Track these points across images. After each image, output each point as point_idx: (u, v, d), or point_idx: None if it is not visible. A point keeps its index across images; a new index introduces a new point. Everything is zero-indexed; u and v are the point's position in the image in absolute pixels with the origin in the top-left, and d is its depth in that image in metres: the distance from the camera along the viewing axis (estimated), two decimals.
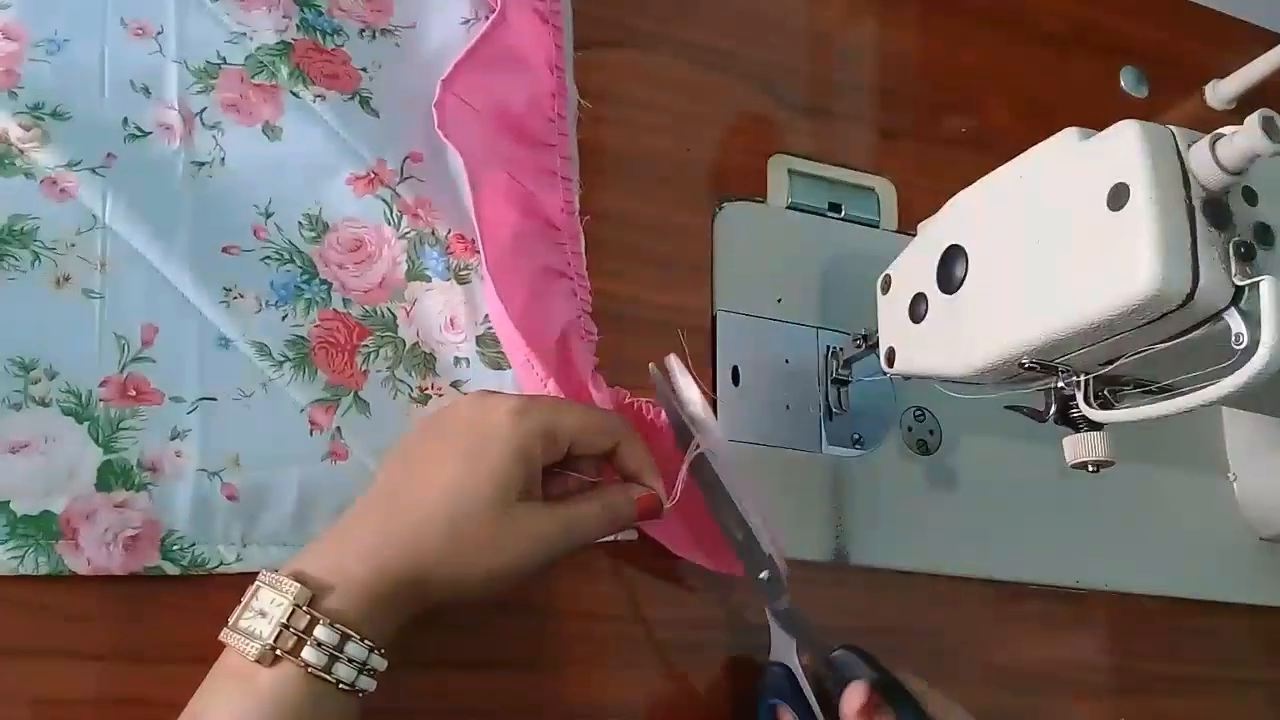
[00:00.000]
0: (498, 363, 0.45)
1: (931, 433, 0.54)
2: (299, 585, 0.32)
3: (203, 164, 0.44)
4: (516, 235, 0.46)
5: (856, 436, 0.52)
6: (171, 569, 0.38)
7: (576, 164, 0.50)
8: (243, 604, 0.33)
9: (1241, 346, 0.32)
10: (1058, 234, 0.36)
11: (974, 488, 0.53)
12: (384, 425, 0.42)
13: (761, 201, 0.56)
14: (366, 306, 0.44)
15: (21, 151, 0.41)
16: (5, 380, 0.38)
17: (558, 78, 0.50)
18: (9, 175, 0.41)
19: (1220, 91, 0.71)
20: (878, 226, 0.58)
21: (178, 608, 0.39)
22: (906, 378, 0.45)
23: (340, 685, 0.32)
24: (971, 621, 0.51)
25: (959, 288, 0.40)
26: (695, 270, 0.52)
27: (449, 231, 0.46)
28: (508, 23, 0.49)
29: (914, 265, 0.44)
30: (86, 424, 0.39)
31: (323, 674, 0.32)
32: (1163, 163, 0.33)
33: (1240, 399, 0.33)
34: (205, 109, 0.45)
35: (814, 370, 0.53)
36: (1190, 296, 0.32)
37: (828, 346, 0.53)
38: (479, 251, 0.45)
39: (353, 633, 0.32)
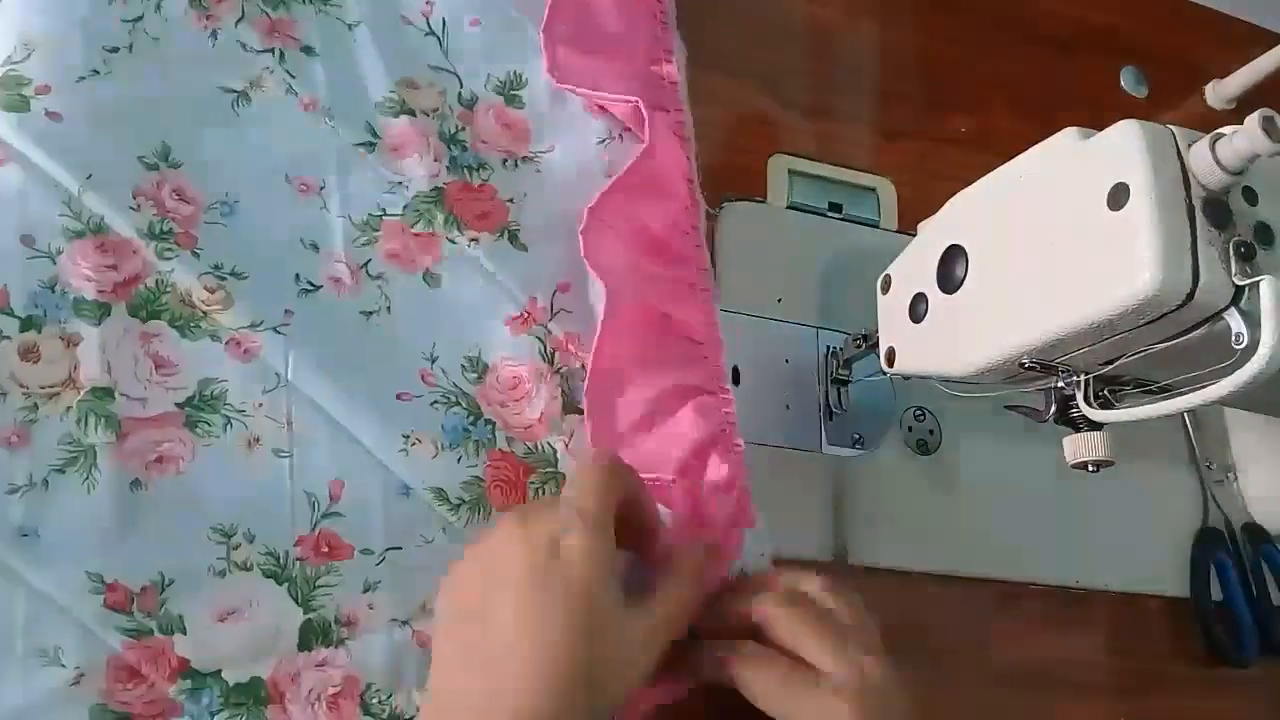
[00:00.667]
0: None
1: (931, 433, 0.54)
2: None
3: (371, 313, 0.45)
4: (642, 359, 0.47)
5: (856, 436, 0.52)
6: None
7: (712, 276, 0.50)
8: None
9: (1241, 346, 0.32)
10: (1058, 234, 0.36)
11: (974, 488, 0.53)
12: None
13: (762, 201, 0.56)
14: (528, 444, 0.45)
15: (206, 314, 0.42)
16: (208, 549, 0.39)
17: (691, 191, 0.51)
18: (196, 339, 0.41)
19: (1220, 91, 0.71)
20: (878, 226, 0.58)
21: None
22: (906, 378, 0.45)
23: None
24: (971, 621, 0.51)
25: (959, 288, 0.40)
26: None
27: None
28: (654, 151, 0.50)
29: (914, 265, 0.44)
30: (285, 585, 0.39)
31: None
32: (1163, 163, 0.33)
33: (1240, 399, 0.33)
34: (370, 260, 0.46)
35: (814, 370, 0.53)
36: (1190, 296, 0.32)
37: (828, 346, 0.53)
38: None
39: None
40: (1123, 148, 0.33)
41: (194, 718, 0.37)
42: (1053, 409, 0.40)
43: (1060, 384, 0.39)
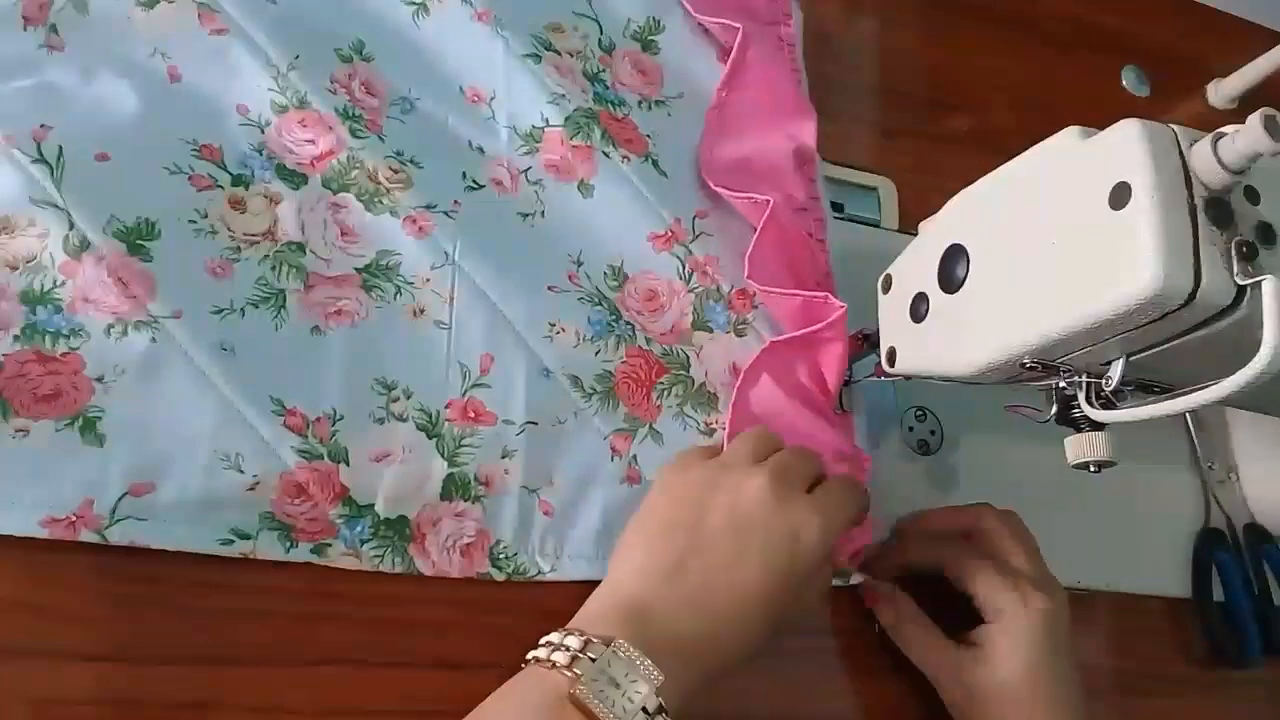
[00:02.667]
0: None
1: (932, 433, 0.54)
2: (660, 679, 0.35)
3: (527, 215, 0.49)
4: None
5: None
6: (498, 575, 0.43)
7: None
8: (593, 665, 0.35)
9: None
10: (1059, 233, 0.36)
11: (974, 488, 0.53)
12: (671, 454, 0.46)
13: None
14: (665, 346, 0.49)
15: (389, 191, 0.46)
16: (372, 397, 0.43)
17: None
18: (378, 213, 0.46)
19: (1222, 90, 0.71)
20: (878, 226, 0.58)
21: (175, 608, 0.39)
22: (907, 378, 0.45)
23: None
24: (972, 622, 0.51)
25: (960, 287, 0.40)
26: None
27: (731, 288, 0.51)
28: (746, 78, 0.54)
29: (915, 265, 0.44)
30: (435, 440, 0.43)
31: None
32: (1164, 162, 0.33)
33: (1242, 399, 0.33)
34: (530, 168, 0.50)
35: None
36: (1192, 296, 0.32)
37: None
38: (755, 306, 0.51)
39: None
40: (1124, 147, 0.33)
41: (346, 542, 0.41)
42: (1054, 409, 0.40)
43: (1061, 384, 0.39)
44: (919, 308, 0.43)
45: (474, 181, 0.48)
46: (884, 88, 0.62)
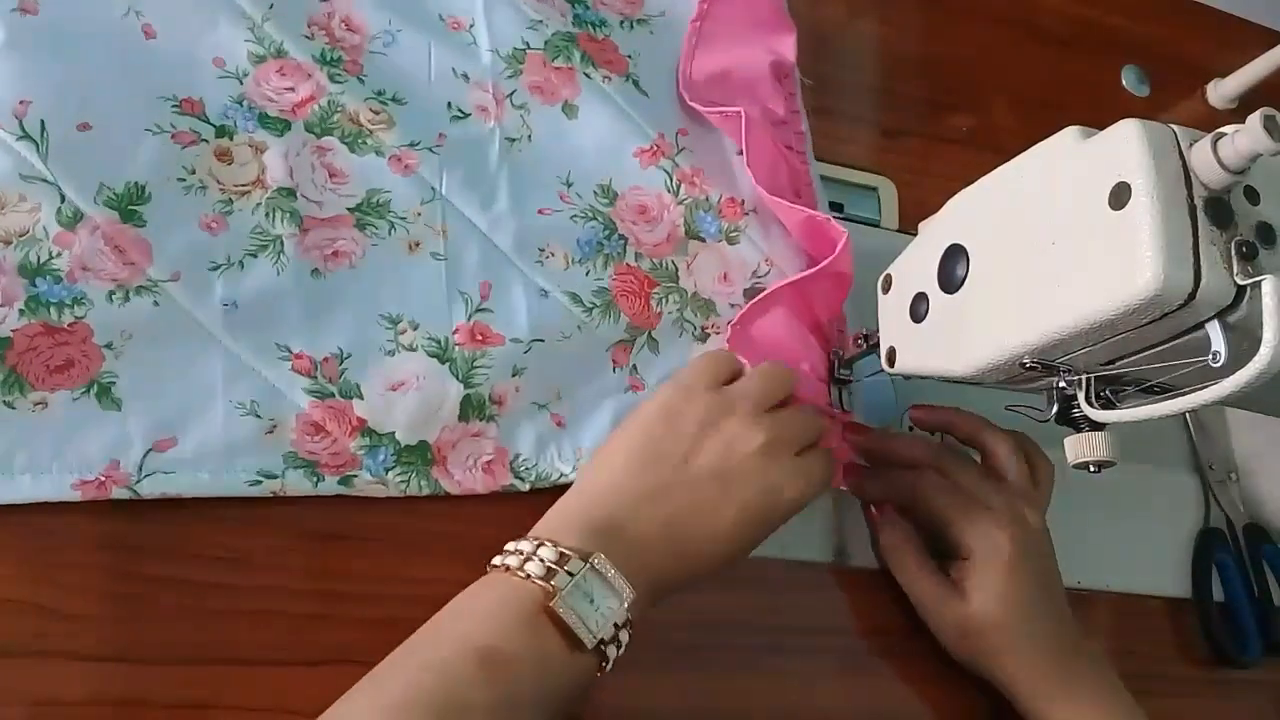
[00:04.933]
0: None
1: (932, 433, 0.54)
2: (632, 596, 0.37)
3: (514, 140, 0.50)
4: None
5: None
6: (523, 486, 0.44)
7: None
8: (570, 580, 0.36)
9: (1219, 365, 0.31)
10: (1059, 233, 0.36)
11: None
12: (669, 360, 0.49)
13: None
14: (654, 260, 0.50)
15: (371, 132, 0.47)
16: (379, 332, 0.44)
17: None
18: (363, 154, 0.46)
19: (1222, 90, 0.71)
20: (878, 226, 0.58)
21: (175, 608, 0.39)
22: (907, 378, 0.45)
23: (604, 669, 0.37)
24: None
25: (960, 287, 0.40)
26: None
27: (720, 197, 0.52)
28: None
29: (915, 265, 0.44)
30: (448, 364, 0.44)
31: (605, 668, 0.37)
32: (1164, 162, 0.33)
33: (1241, 399, 0.33)
34: (514, 91, 0.51)
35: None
36: (1192, 296, 0.32)
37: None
38: (746, 214, 0.52)
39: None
40: (1124, 147, 0.33)
41: (371, 471, 0.42)
42: (1054, 409, 0.40)
43: (1061, 384, 0.39)
44: (919, 308, 0.43)
45: (459, 110, 0.49)
46: (884, 88, 0.62)
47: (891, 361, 0.45)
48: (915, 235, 0.45)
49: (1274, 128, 0.31)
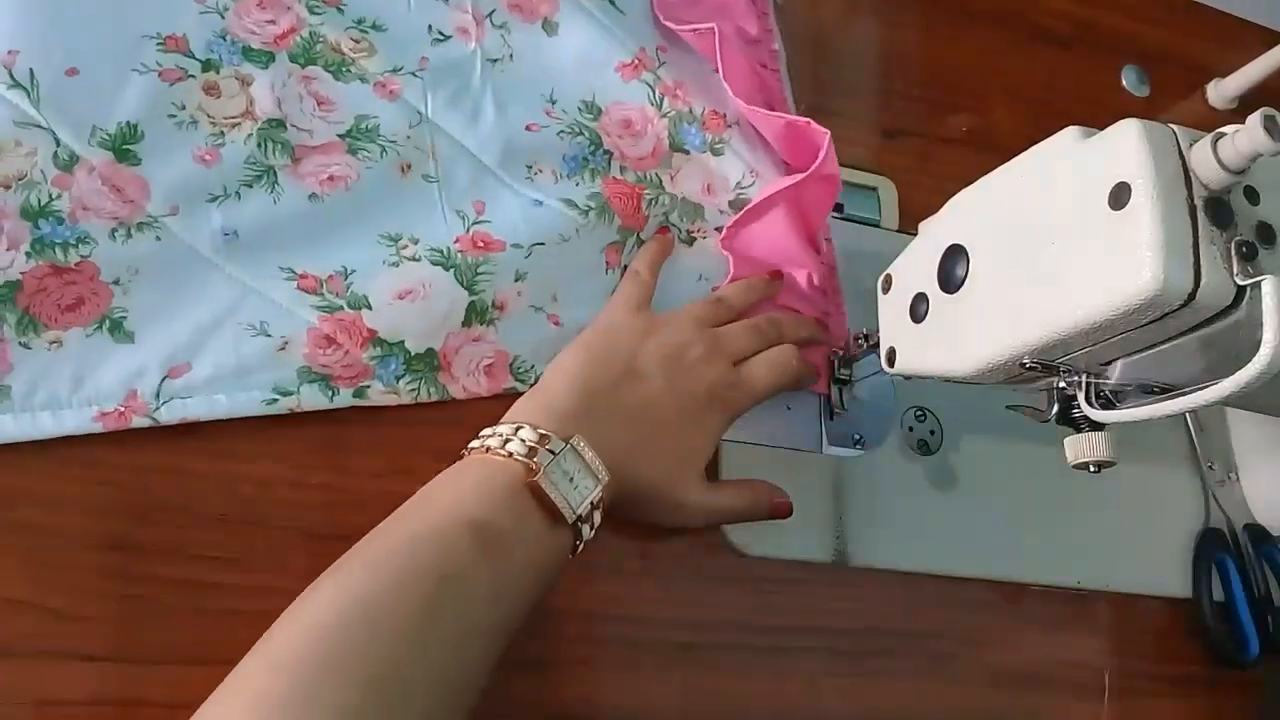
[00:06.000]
0: None
1: (932, 433, 0.54)
2: (607, 478, 0.39)
3: (496, 60, 0.50)
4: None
5: (856, 436, 0.52)
6: (523, 388, 0.45)
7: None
8: (553, 459, 0.38)
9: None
10: (1059, 233, 0.36)
11: (974, 488, 0.53)
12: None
13: None
14: (639, 173, 0.51)
15: (354, 60, 0.47)
16: (380, 249, 0.45)
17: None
18: (348, 81, 0.47)
19: (1222, 90, 0.71)
20: (878, 226, 0.58)
21: (175, 608, 0.39)
22: (907, 378, 0.45)
23: (579, 547, 0.39)
24: (971, 621, 0.51)
25: (960, 287, 0.40)
26: None
27: (704, 109, 0.52)
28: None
29: (915, 265, 0.44)
30: (452, 270, 0.45)
31: (578, 547, 0.39)
32: (1164, 162, 0.33)
33: (1242, 399, 0.33)
34: (494, 11, 0.51)
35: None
36: (1192, 296, 0.32)
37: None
38: (729, 126, 0.52)
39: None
40: (1124, 147, 0.33)
41: (383, 380, 0.43)
42: (1054, 409, 0.40)
43: (1061, 384, 0.39)
44: (919, 308, 0.43)
45: (440, 33, 0.50)
46: (884, 88, 0.62)
47: (891, 361, 0.45)
48: (915, 235, 0.45)
49: (1274, 128, 0.31)
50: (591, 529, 0.39)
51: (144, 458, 0.40)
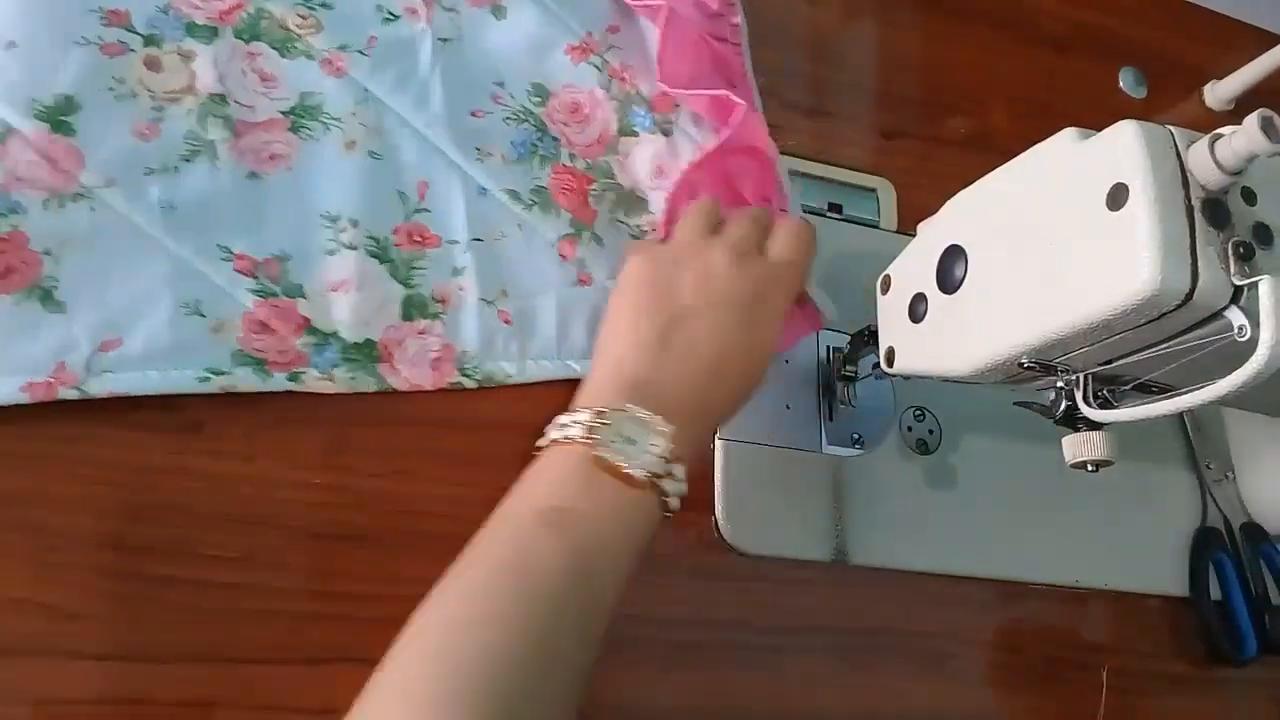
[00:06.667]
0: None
1: (931, 433, 0.54)
2: (670, 428, 0.39)
3: (446, 40, 0.50)
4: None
5: (856, 436, 0.52)
6: (469, 383, 0.45)
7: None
8: (607, 429, 0.38)
9: (1245, 339, 0.32)
10: (1057, 234, 0.36)
11: (974, 488, 0.53)
12: (614, 255, 0.49)
13: None
14: (588, 160, 0.51)
15: (300, 36, 0.47)
16: (319, 231, 0.45)
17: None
18: (293, 58, 0.47)
19: (1219, 92, 0.71)
20: (878, 226, 0.58)
21: (175, 608, 0.39)
22: (906, 377, 0.45)
23: (667, 515, 0.39)
24: (970, 620, 0.51)
25: (958, 288, 0.41)
26: None
27: (652, 90, 0.53)
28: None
29: (914, 265, 0.44)
30: (387, 265, 0.45)
31: (668, 511, 0.39)
32: (1162, 163, 0.33)
33: (1239, 398, 0.33)
34: None
35: (814, 370, 0.53)
36: (1189, 296, 0.32)
37: (828, 346, 0.53)
38: (678, 106, 0.53)
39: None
40: (1122, 148, 0.34)
41: (319, 368, 0.43)
42: (1061, 406, 0.40)
43: (1060, 384, 0.39)
44: (917, 308, 0.43)
45: (389, 13, 0.49)
46: (882, 89, 0.62)
47: (891, 362, 0.45)
48: (914, 236, 0.45)
49: (1271, 129, 0.31)
50: (678, 480, 0.39)
51: (145, 457, 0.40)
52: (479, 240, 0.47)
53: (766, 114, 0.58)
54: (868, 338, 0.49)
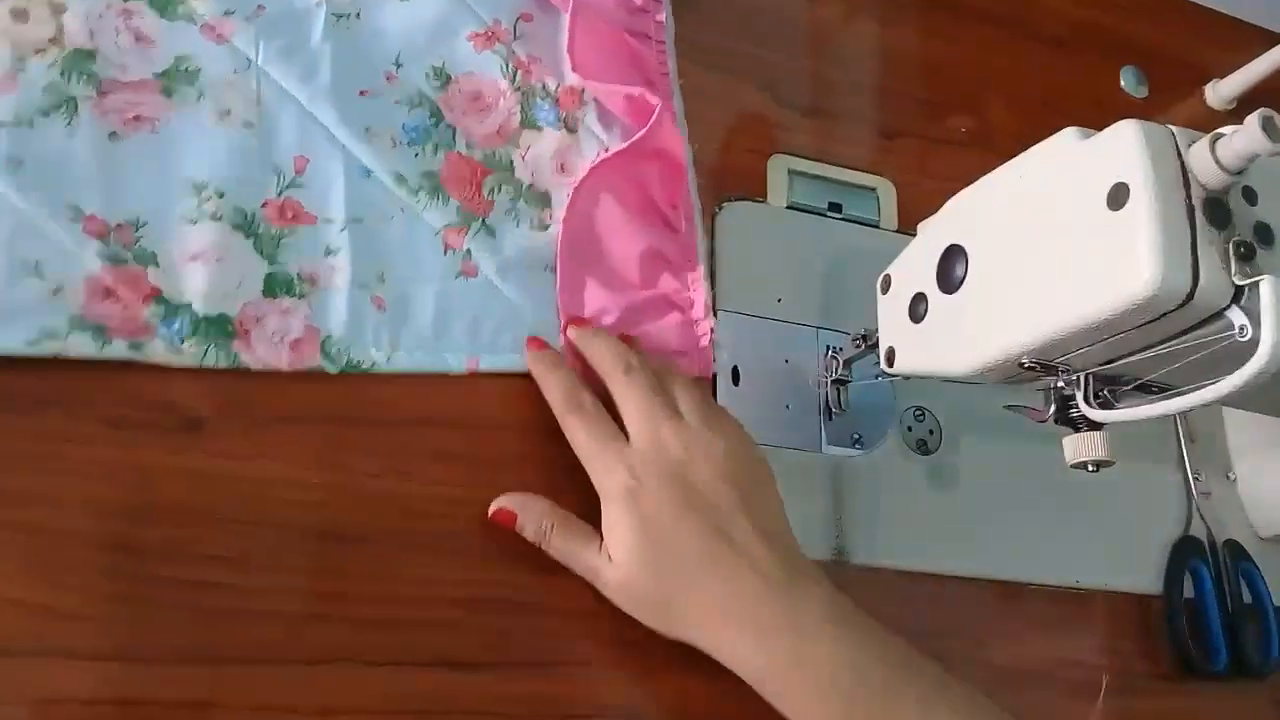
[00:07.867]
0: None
1: (931, 433, 0.54)
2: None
3: (342, 16, 0.49)
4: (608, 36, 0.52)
5: (856, 436, 0.52)
6: (331, 368, 0.43)
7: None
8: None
9: (1246, 339, 0.32)
10: (1057, 234, 0.36)
11: (974, 488, 0.53)
12: (508, 247, 0.48)
13: (761, 201, 0.56)
14: (486, 150, 0.49)
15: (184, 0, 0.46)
16: (182, 200, 0.43)
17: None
18: (173, 19, 0.45)
19: (1220, 91, 0.71)
20: (878, 226, 0.58)
21: (175, 608, 0.39)
22: (906, 377, 0.45)
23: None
24: (971, 621, 0.51)
25: (959, 287, 0.41)
26: None
27: (558, 85, 0.52)
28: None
29: (914, 265, 0.44)
30: (252, 239, 0.43)
31: None
32: (1162, 162, 0.33)
33: (1240, 398, 0.33)
34: None
35: (814, 370, 0.53)
36: (1190, 296, 0.32)
37: (828, 346, 0.53)
38: (585, 103, 0.51)
39: None
40: (1122, 147, 0.34)
41: (165, 340, 0.41)
42: (1053, 409, 0.40)
43: (1060, 383, 0.39)
44: (918, 308, 0.43)
45: None
46: (883, 88, 0.62)
47: (890, 361, 0.45)
48: (914, 235, 0.45)
49: (1272, 128, 0.31)
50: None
51: (144, 457, 0.40)
52: (358, 221, 0.45)
53: (766, 113, 0.58)
54: (862, 341, 0.49)
